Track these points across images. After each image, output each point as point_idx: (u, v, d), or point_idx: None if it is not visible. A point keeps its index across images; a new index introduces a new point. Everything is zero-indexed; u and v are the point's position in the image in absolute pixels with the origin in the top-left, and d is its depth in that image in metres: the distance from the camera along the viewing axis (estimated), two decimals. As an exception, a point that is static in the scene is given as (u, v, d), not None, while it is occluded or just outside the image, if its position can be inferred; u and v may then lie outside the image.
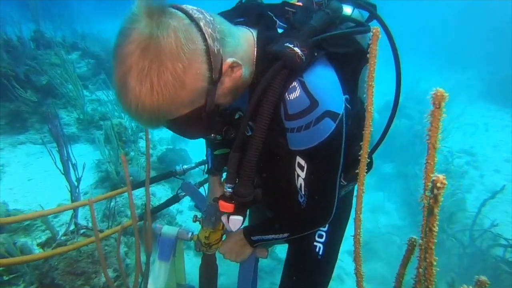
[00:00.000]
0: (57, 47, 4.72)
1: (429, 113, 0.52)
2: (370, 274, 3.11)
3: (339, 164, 0.95)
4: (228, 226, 0.98)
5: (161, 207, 1.68)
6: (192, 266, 2.15)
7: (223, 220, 1.00)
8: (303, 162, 0.93)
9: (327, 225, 1.26)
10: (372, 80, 0.66)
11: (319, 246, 1.25)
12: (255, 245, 1.21)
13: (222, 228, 1.29)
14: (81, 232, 1.83)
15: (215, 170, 1.39)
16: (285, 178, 1.01)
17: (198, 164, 1.72)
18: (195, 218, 1.33)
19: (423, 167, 0.55)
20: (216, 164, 1.36)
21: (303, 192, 0.98)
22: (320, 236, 1.26)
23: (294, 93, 0.83)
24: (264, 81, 0.82)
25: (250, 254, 1.26)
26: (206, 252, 1.31)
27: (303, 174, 0.94)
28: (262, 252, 1.31)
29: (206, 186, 1.55)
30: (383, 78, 1.06)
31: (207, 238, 1.27)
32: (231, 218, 0.97)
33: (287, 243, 1.36)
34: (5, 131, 3.64)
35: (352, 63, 0.97)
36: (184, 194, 1.60)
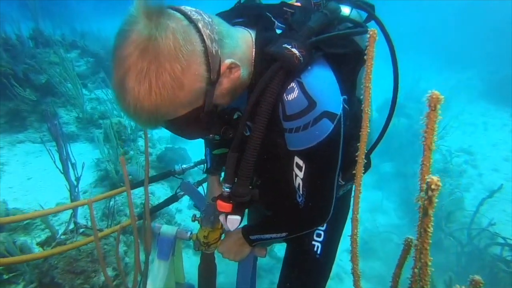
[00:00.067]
0: (56, 46, 4.71)
1: (425, 115, 0.53)
2: (369, 273, 3.12)
3: (337, 164, 0.95)
4: (226, 226, 0.99)
5: (160, 206, 1.69)
6: (191, 265, 2.15)
7: (221, 220, 1.00)
8: (301, 162, 0.94)
9: (325, 225, 1.27)
10: (369, 82, 0.67)
11: (317, 245, 1.26)
12: (254, 244, 1.22)
13: (221, 228, 1.29)
14: (81, 231, 1.83)
15: (214, 170, 1.40)
16: (284, 178, 1.01)
17: (197, 164, 1.73)
18: (194, 218, 1.34)
19: (420, 167, 0.56)
20: (215, 164, 1.37)
21: (301, 192, 0.99)
22: (318, 235, 1.27)
23: (292, 94, 0.83)
24: (262, 82, 0.82)
25: (249, 253, 1.27)
26: (205, 251, 1.32)
27: (301, 174, 0.95)
28: (261, 251, 1.31)
29: (205, 186, 1.55)
30: (383, 76, 1.07)
31: (206, 238, 1.28)
32: (229, 218, 0.97)
33: (286, 242, 1.37)
34: (4, 130, 3.64)
35: (350, 64, 0.98)
36: (183, 194, 1.61)
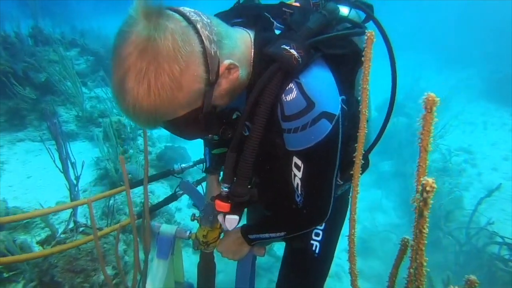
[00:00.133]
0: (56, 44, 4.70)
1: (421, 117, 0.53)
2: (368, 272, 3.13)
3: (336, 164, 0.96)
4: (225, 225, 1.00)
5: (160, 205, 1.69)
6: (191, 264, 2.16)
7: (220, 219, 1.01)
8: (300, 162, 0.94)
9: (324, 224, 1.27)
10: (367, 83, 0.67)
11: (316, 245, 1.27)
12: (253, 244, 1.22)
13: (220, 227, 1.30)
14: (80, 230, 1.84)
15: (213, 169, 1.40)
16: (282, 178, 1.02)
17: (196, 163, 1.73)
18: (193, 217, 1.34)
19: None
20: (214, 163, 1.37)
21: (300, 192, 0.99)
22: (317, 235, 1.28)
23: (291, 95, 0.83)
24: (261, 83, 0.82)
25: (248, 253, 1.28)
26: (204, 251, 1.32)
27: (300, 174, 0.95)
28: (260, 251, 1.32)
29: (204, 185, 1.56)
30: (384, 75, 1.07)
31: (205, 237, 1.28)
32: (227, 217, 0.98)
33: (285, 242, 1.37)
34: (4, 129, 3.64)
35: (349, 64, 0.98)
36: (182, 193, 1.61)
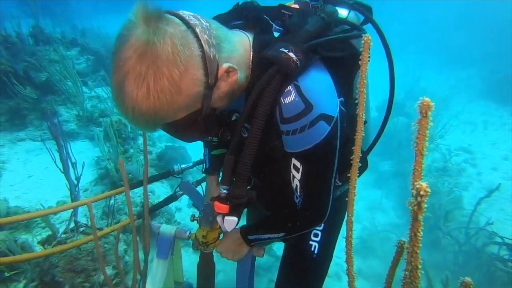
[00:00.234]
0: (56, 43, 4.71)
1: (417, 121, 0.54)
2: (368, 272, 3.13)
3: (334, 166, 0.96)
4: (223, 227, 1.00)
5: (160, 206, 1.70)
6: (191, 263, 2.17)
7: (218, 221, 1.02)
8: (299, 164, 0.95)
9: (323, 225, 1.28)
10: (364, 87, 0.68)
11: (315, 245, 1.28)
12: (252, 244, 1.23)
13: (219, 228, 1.31)
14: (81, 230, 1.85)
15: (213, 170, 1.41)
16: (281, 179, 1.03)
17: (196, 164, 1.74)
18: (193, 217, 1.35)
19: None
20: (214, 164, 1.38)
21: (299, 193, 1.00)
22: (316, 235, 1.28)
23: (289, 97, 0.84)
24: (260, 86, 0.83)
25: (247, 253, 1.28)
26: (204, 251, 1.33)
27: (299, 176, 0.96)
28: (259, 251, 1.33)
29: (204, 185, 1.56)
30: (385, 75, 1.08)
31: (205, 237, 1.29)
32: (226, 219, 0.98)
33: (284, 242, 1.38)
34: (5, 128, 3.65)
35: (347, 67, 0.99)
36: (182, 193, 1.62)
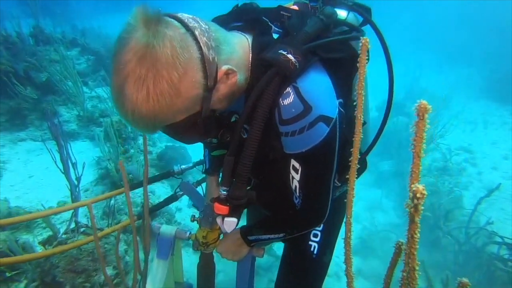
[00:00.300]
0: (57, 43, 4.71)
1: (414, 124, 0.54)
2: (368, 272, 3.14)
3: (333, 167, 0.97)
4: (223, 228, 1.01)
5: (160, 206, 1.71)
6: (191, 263, 2.18)
7: (218, 222, 1.02)
8: (298, 165, 0.95)
9: (322, 225, 1.29)
10: (362, 89, 0.68)
11: (314, 246, 1.28)
12: (252, 245, 1.24)
13: (219, 228, 1.31)
14: (82, 231, 1.85)
15: (213, 171, 1.42)
16: (281, 180, 1.03)
17: (196, 164, 1.74)
18: (193, 218, 1.36)
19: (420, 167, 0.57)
20: (214, 165, 1.39)
21: (298, 194, 1.01)
22: (315, 236, 1.29)
23: (288, 99, 0.84)
24: (259, 87, 0.83)
25: (247, 254, 1.29)
26: (204, 251, 1.34)
27: (298, 177, 0.97)
28: (259, 252, 1.33)
29: (204, 185, 1.57)
30: (385, 74, 1.08)
31: (205, 238, 1.30)
32: (226, 220, 0.99)
33: (283, 243, 1.39)
34: (6, 128, 3.66)
35: (346, 68, 0.99)
36: (182, 194, 1.63)
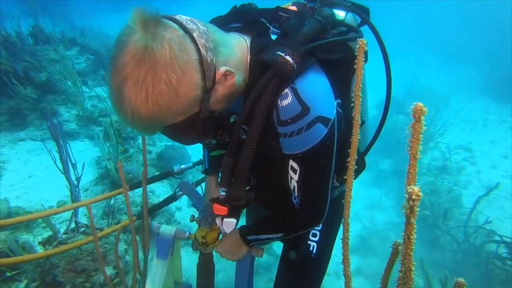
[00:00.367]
0: (56, 43, 4.71)
1: (410, 126, 0.55)
2: (367, 270, 3.15)
3: (331, 167, 0.97)
4: (222, 228, 1.02)
5: (159, 206, 1.71)
6: (191, 263, 2.18)
7: (218, 222, 1.03)
8: (296, 166, 0.96)
9: (321, 225, 1.29)
10: (359, 90, 0.68)
11: (313, 245, 1.29)
12: (251, 245, 1.24)
13: (219, 228, 1.32)
14: (81, 231, 1.86)
15: (212, 171, 1.42)
16: (279, 180, 1.04)
17: (195, 164, 1.75)
18: (192, 218, 1.36)
19: (420, 164, 0.57)
20: (213, 165, 1.39)
21: (297, 194, 1.01)
22: (314, 235, 1.30)
23: (286, 100, 0.85)
24: (257, 89, 0.84)
25: (246, 253, 1.30)
26: (203, 251, 1.34)
27: (296, 177, 0.97)
28: (258, 251, 1.34)
29: (204, 185, 1.57)
30: (384, 73, 1.08)
31: (204, 238, 1.30)
32: (225, 221, 1.00)
33: (283, 242, 1.39)
34: (5, 128, 3.66)
35: (344, 68, 0.99)
36: (182, 193, 1.63)
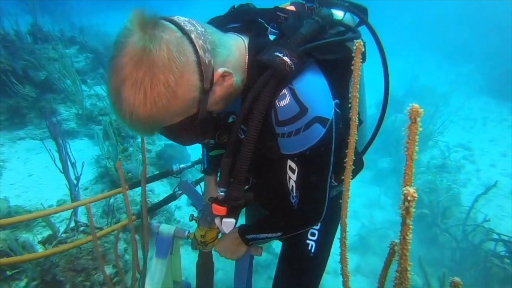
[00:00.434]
0: (55, 41, 4.70)
1: (406, 127, 0.55)
2: (366, 269, 3.17)
3: (329, 167, 0.98)
4: (221, 228, 1.02)
5: (159, 205, 1.71)
6: (190, 262, 2.19)
7: (217, 222, 1.03)
8: (294, 166, 0.96)
9: (320, 224, 1.30)
10: (356, 91, 0.69)
11: (312, 244, 1.29)
12: (250, 244, 1.25)
13: (218, 227, 1.32)
14: (81, 230, 1.87)
15: (211, 170, 1.43)
16: (278, 180, 1.04)
17: (195, 163, 1.75)
18: (191, 217, 1.37)
19: (419, 163, 0.58)
20: (212, 165, 1.40)
21: (295, 194, 1.02)
22: (313, 235, 1.30)
23: (284, 101, 0.85)
24: (255, 89, 0.84)
25: (245, 252, 1.30)
26: (202, 250, 1.35)
27: (295, 177, 0.98)
28: (257, 250, 1.35)
29: (203, 184, 1.58)
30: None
31: (203, 237, 1.31)
32: (224, 221, 1.00)
33: (281, 241, 1.40)
34: (5, 127, 3.66)
35: (342, 69, 0.99)
36: (181, 193, 1.64)
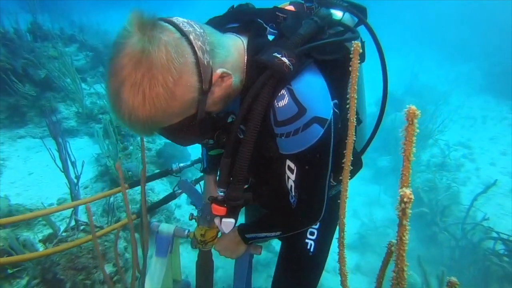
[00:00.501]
0: (55, 40, 4.69)
1: (404, 128, 0.55)
2: (366, 267, 3.18)
3: (328, 167, 0.98)
4: (221, 228, 1.03)
5: (159, 204, 1.72)
6: (190, 260, 2.20)
7: (216, 222, 1.04)
8: (293, 166, 0.97)
9: (318, 223, 1.31)
10: (354, 92, 0.69)
11: (311, 243, 1.30)
12: (249, 243, 1.26)
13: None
14: (81, 228, 1.87)
15: (210, 170, 1.43)
16: (277, 180, 1.05)
17: (194, 162, 1.76)
18: (191, 216, 1.38)
19: (419, 161, 0.58)
20: (211, 164, 1.40)
21: (294, 193, 1.02)
22: (312, 234, 1.31)
23: (283, 101, 0.85)
24: (254, 90, 0.84)
25: (245, 251, 1.31)
26: (202, 249, 1.36)
27: (293, 177, 0.98)
28: (256, 249, 1.36)
29: (202, 183, 1.59)
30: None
31: (203, 236, 1.32)
32: (224, 221, 1.01)
33: (281, 240, 1.41)
34: (5, 126, 3.66)
35: (341, 69, 0.99)
36: (181, 192, 1.64)
